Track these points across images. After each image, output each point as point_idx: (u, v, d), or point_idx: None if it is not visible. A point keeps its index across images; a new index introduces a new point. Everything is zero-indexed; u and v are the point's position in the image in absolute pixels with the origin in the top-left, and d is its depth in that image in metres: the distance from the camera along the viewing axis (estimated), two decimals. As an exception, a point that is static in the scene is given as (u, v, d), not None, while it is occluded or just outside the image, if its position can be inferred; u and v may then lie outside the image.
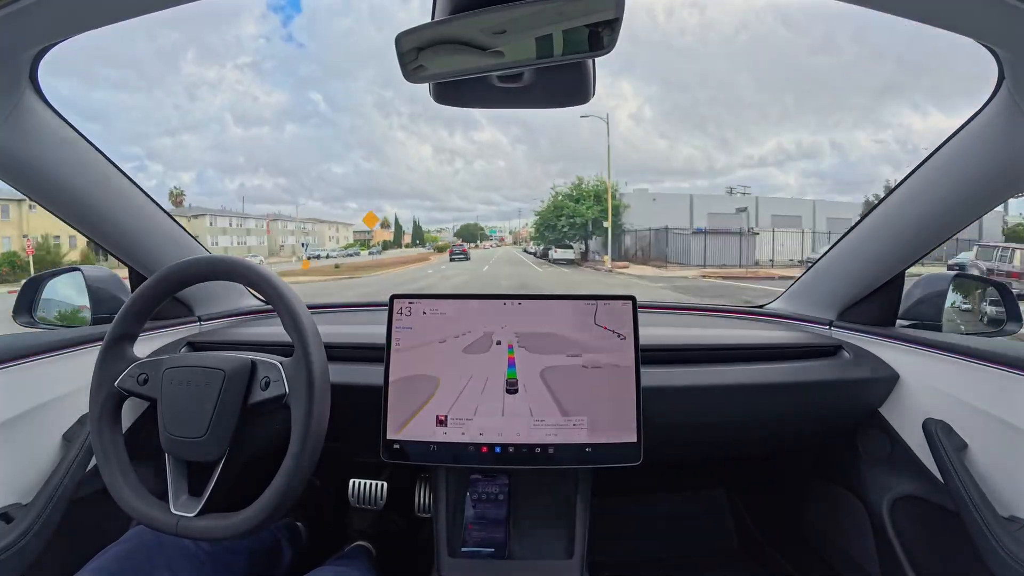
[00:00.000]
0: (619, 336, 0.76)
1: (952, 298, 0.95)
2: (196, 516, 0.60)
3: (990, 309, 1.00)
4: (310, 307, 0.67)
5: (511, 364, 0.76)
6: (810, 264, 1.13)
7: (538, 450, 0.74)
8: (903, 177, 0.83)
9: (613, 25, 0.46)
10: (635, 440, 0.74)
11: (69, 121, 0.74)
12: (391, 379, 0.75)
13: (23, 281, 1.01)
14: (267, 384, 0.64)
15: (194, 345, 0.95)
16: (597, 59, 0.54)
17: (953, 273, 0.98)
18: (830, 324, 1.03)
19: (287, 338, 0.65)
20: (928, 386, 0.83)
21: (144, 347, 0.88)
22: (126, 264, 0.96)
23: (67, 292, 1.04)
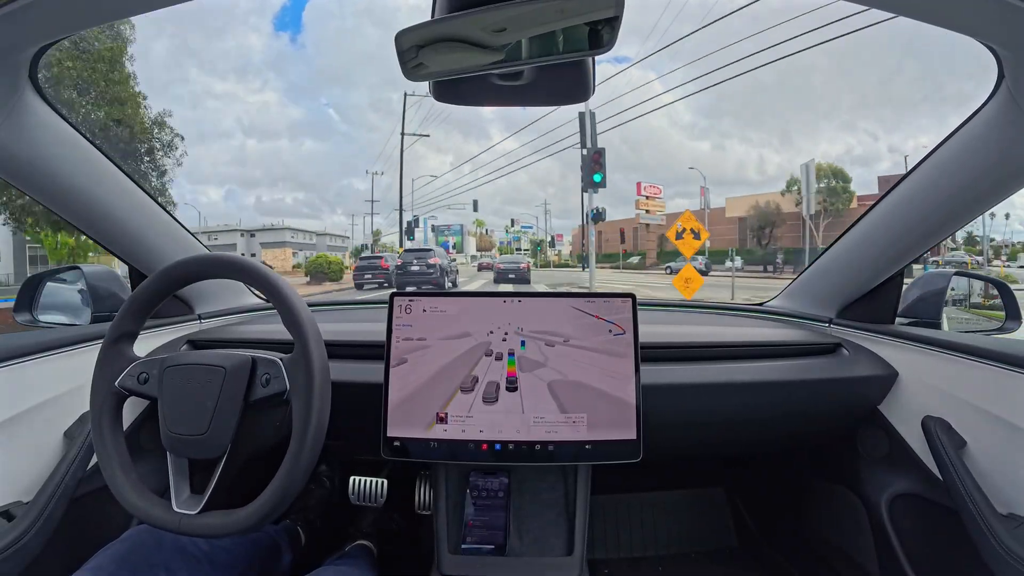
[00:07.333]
0: (619, 334, 0.77)
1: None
2: (198, 514, 0.60)
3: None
4: (310, 305, 0.68)
5: (511, 362, 0.76)
6: (810, 262, 1.13)
7: (538, 447, 0.74)
8: (903, 175, 0.83)
9: (613, 23, 0.46)
10: (634, 437, 0.74)
11: (69, 120, 0.74)
12: (391, 377, 0.76)
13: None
14: (267, 381, 0.64)
15: (194, 343, 0.95)
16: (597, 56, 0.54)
17: (953, 271, 0.98)
18: (829, 322, 1.03)
19: (287, 335, 0.65)
20: (927, 384, 0.84)
21: (144, 345, 0.88)
22: (126, 262, 0.96)
23: (67, 290, 1.04)
